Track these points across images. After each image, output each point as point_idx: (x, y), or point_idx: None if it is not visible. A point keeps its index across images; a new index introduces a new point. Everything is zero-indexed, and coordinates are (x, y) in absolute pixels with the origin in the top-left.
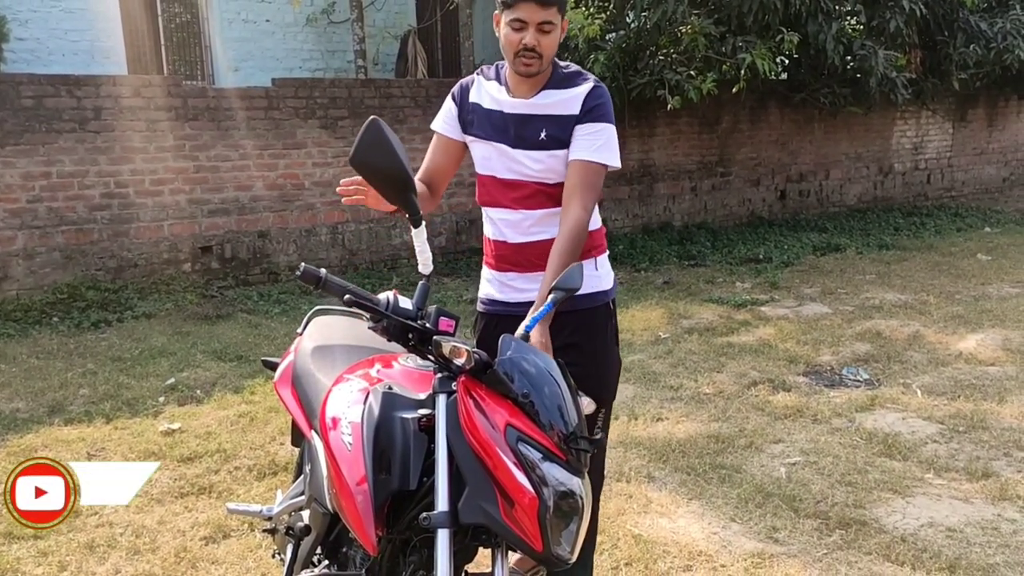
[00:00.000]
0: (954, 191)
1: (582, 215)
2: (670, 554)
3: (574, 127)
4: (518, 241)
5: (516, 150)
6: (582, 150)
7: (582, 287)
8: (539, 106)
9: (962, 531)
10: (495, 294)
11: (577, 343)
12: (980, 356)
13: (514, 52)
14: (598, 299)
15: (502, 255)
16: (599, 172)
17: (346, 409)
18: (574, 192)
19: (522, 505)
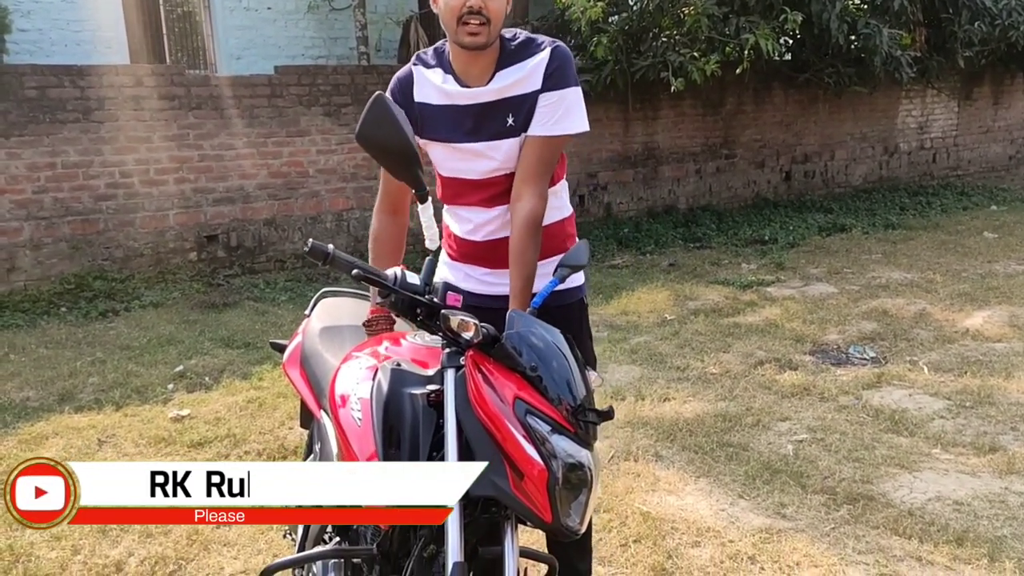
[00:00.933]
0: (960, 170)
1: (536, 205)
2: (678, 531)
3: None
4: (492, 239)
5: (479, 143)
6: (540, 124)
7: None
8: (497, 91)
9: (969, 504)
10: (456, 283)
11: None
12: (987, 333)
13: (456, 18)
14: (572, 295)
15: (469, 252)
16: (558, 146)
17: (355, 386)
18: (527, 177)
19: (531, 477)
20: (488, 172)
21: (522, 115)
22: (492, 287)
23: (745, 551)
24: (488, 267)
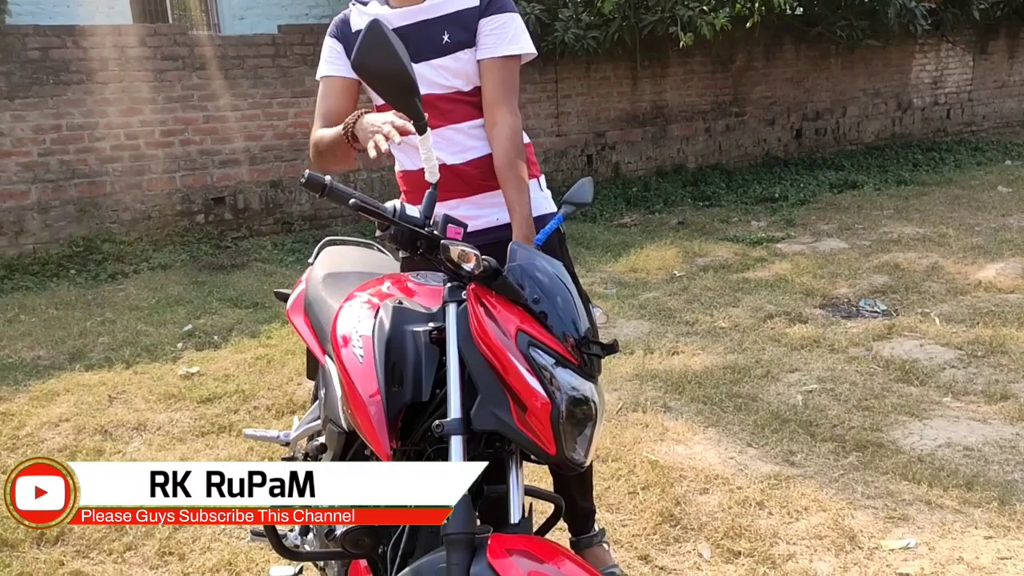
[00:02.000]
0: (974, 126)
1: (514, 122)
2: (687, 478)
3: (477, 22)
4: (453, 163)
5: (419, 64)
6: (494, 46)
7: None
8: (431, 8)
9: (980, 450)
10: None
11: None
12: (999, 284)
13: None
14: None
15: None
16: (515, 67)
17: (357, 324)
18: (497, 97)
19: (535, 409)
20: (427, 91)
21: (457, 32)
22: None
23: (753, 497)
24: (461, 196)
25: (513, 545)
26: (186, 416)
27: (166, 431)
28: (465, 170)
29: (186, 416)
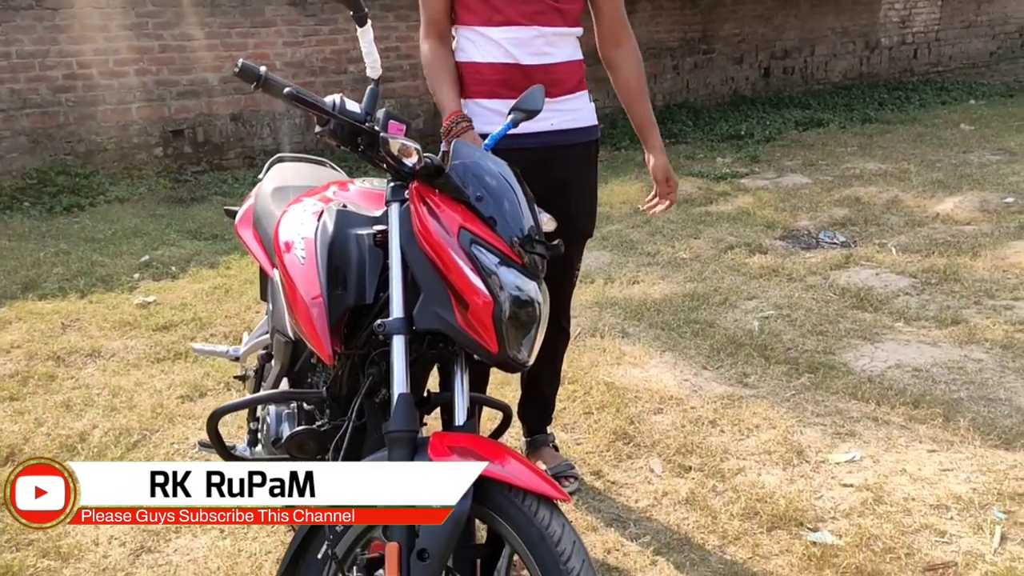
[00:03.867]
0: (941, 66)
1: (635, 45)
2: (641, 399)
3: None
4: (531, 63)
5: None
6: None
7: (584, 121)
8: None
9: (928, 371)
10: (483, 127)
11: (573, 177)
12: (956, 217)
13: None
14: (594, 132)
15: (507, 80)
16: None
17: (299, 227)
18: (622, 17)
19: (476, 308)
20: None
21: None
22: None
23: (706, 416)
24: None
25: (455, 443)
26: (141, 343)
27: (121, 357)
28: (535, 73)
29: (141, 343)
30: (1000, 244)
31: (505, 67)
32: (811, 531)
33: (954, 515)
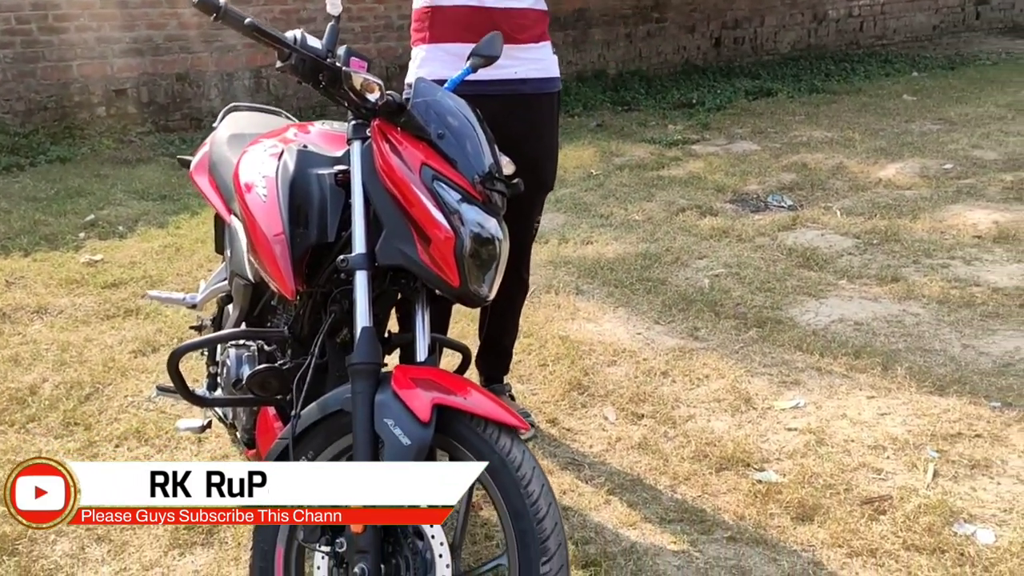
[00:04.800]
0: (885, 39)
1: None
2: (595, 352)
3: None
4: (495, 6)
5: None
6: None
7: (546, 71)
8: None
9: (869, 324)
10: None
11: (535, 127)
12: (898, 182)
13: None
14: (556, 84)
15: (471, 24)
16: None
17: (260, 167)
18: None
19: (438, 242)
20: None
21: None
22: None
23: (658, 367)
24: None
25: (417, 375)
26: (90, 300)
27: (69, 314)
28: (500, 17)
29: (90, 300)
30: (938, 207)
31: (470, 10)
32: (757, 471)
33: (890, 455)
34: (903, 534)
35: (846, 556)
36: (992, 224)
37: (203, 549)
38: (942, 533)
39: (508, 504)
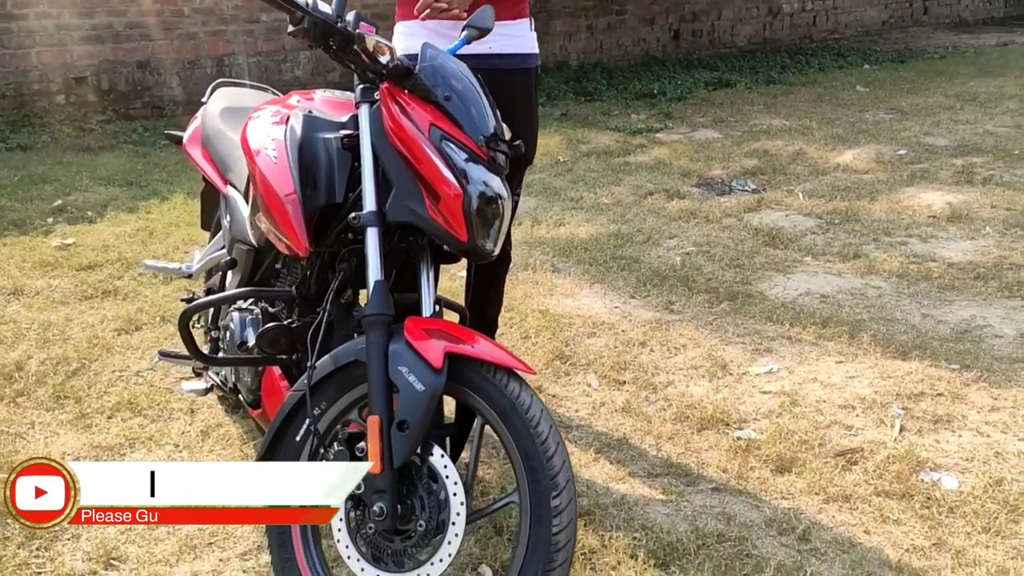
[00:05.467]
0: (837, 33)
1: None
2: (575, 324)
3: None
4: None
5: None
6: None
7: (524, 47)
8: None
9: (834, 297)
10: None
11: (513, 102)
12: (856, 167)
13: None
14: (534, 60)
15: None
16: None
17: (269, 130)
18: None
19: (448, 198)
20: None
21: None
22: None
23: (636, 338)
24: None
25: (428, 326)
26: (65, 282)
27: (46, 295)
28: None
29: (65, 282)
30: (895, 190)
31: None
32: (736, 430)
33: (859, 413)
34: (874, 482)
35: (822, 502)
36: (945, 205)
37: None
38: (910, 480)
39: (519, 445)
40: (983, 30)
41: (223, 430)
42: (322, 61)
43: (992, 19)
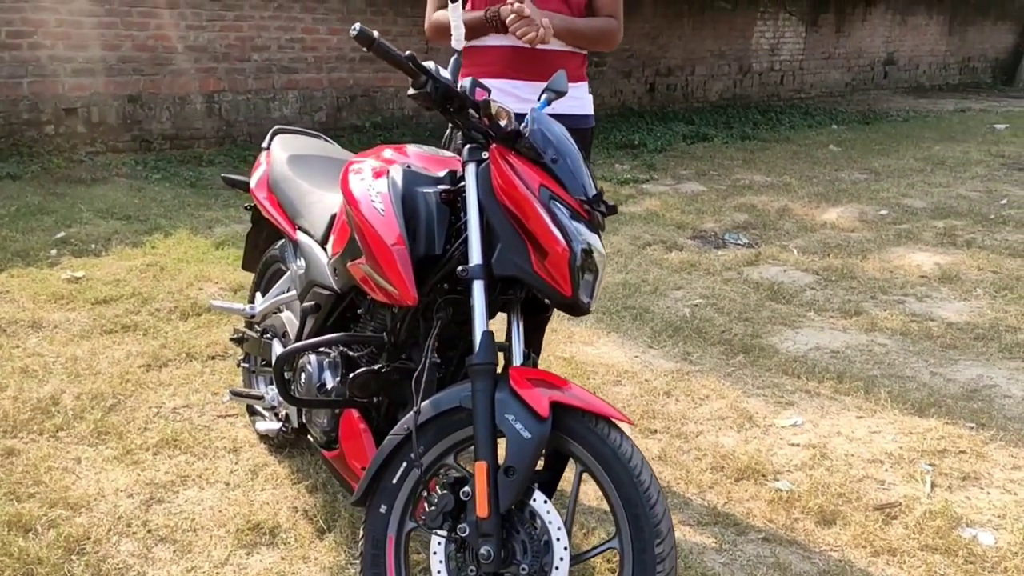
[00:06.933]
0: (803, 92)
1: (616, 26)
2: (599, 373)
3: None
4: (540, 47)
5: None
6: None
7: (582, 109)
8: None
9: (844, 352)
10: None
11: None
12: (841, 225)
13: None
14: (589, 122)
15: (512, 61)
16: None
17: (372, 183)
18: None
19: (555, 255)
20: None
21: None
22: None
23: (661, 388)
24: (528, 79)
25: (531, 375)
26: (83, 316)
27: (65, 328)
28: (546, 56)
29: (83, 316)
30: (883, 249)
31: (513, 49)
32: (773, 481)
33: (888, 468)
34: (917, 536)
35: (871, 555)
36: (935, 266)
37: (268, 549)
38: (950, 535)
39: (621, 493)
40: (940, 95)
41: (270, 469)
42: (309, 101)
43: (947, 85)
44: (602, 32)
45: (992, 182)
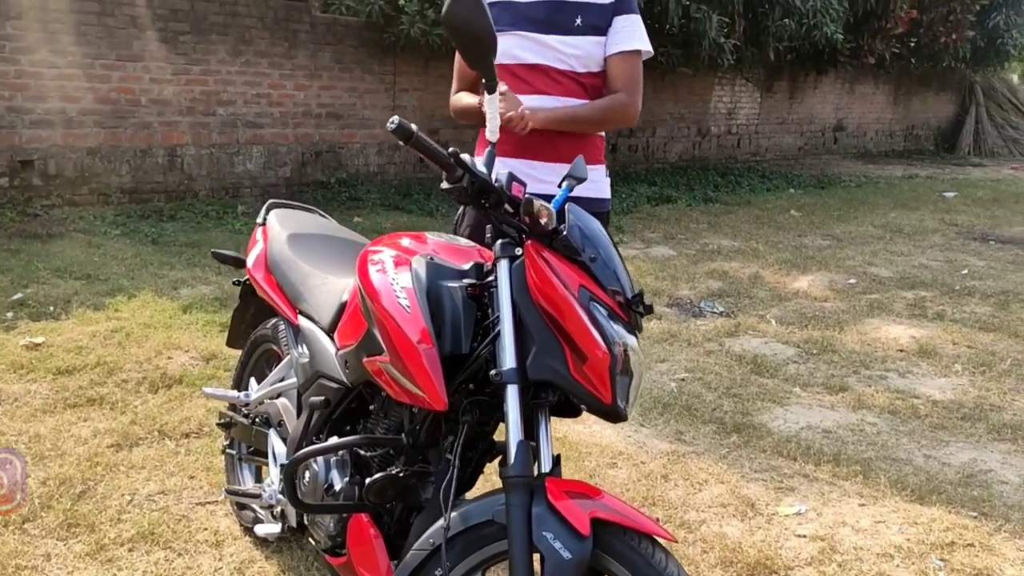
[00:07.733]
0: (759, 156)
1: (627, 100)
2: (593, 454)
3: (611, 17)
4: (559, 130)
5: (550, 36)
6: (625, 42)
7: (600, 192)
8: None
9: (835, 432)
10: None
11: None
12: (814, 294)
13: None
14: (605, 205)
15: (527, 144)
16: (640, 60)
17: (394, 275)
18: (622, 86)
19: (595, 359)
20: (549, 60)
21: (590, 19)
22: (544, 185)
23: (658, 471)
24: (544, 160)
25: (568, 488)
26: (44, 387)
27: (26, 402)
28: (559, 139)
29: (44, 387)
30: (859, 321)
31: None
32: None
33: (899, 563)
34: None
35: None
36: (911, 339)
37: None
38: None
39: None
40: (886, 161)
41: (257, 567)
42: (273, 156)
43: (893, 151)
44: (608, 111)
45: (950, 251)
